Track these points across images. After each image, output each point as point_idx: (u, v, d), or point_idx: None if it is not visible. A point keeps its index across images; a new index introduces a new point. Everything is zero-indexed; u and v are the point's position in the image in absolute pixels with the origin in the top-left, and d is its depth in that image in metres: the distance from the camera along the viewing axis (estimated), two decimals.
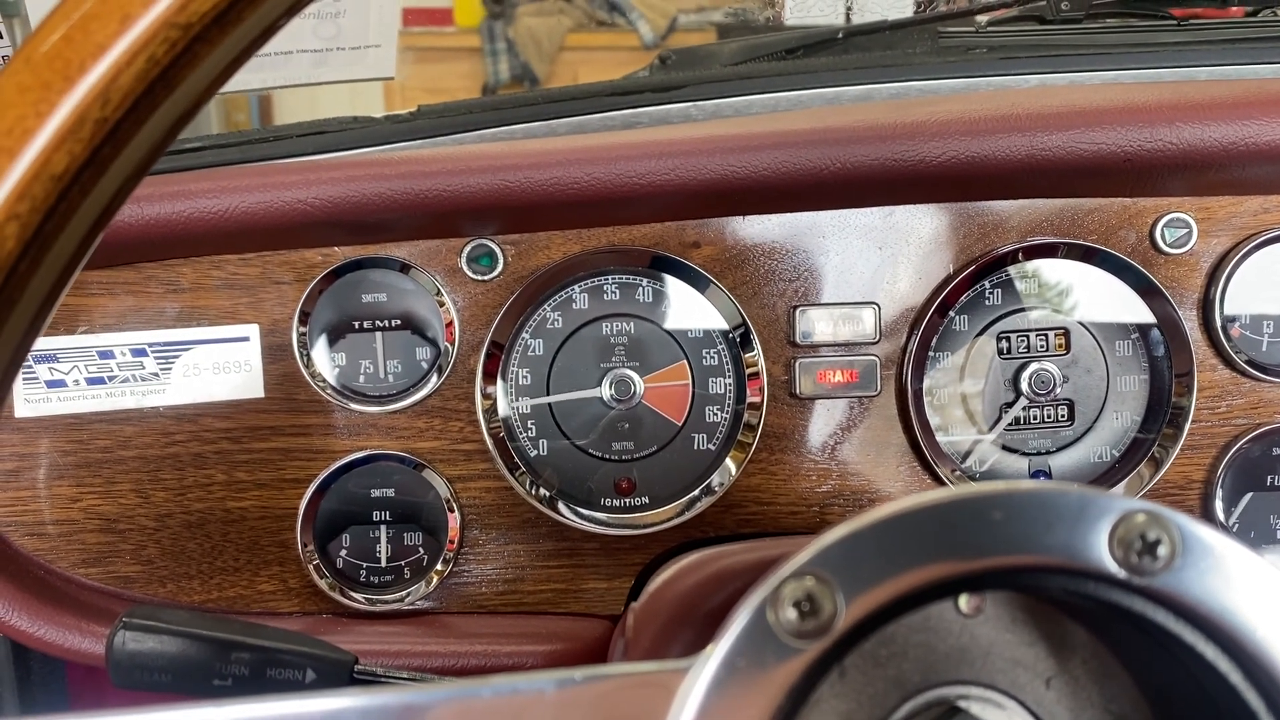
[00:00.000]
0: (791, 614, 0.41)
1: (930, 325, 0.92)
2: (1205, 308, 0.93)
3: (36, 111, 0.36)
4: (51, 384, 0.89)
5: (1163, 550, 0.40)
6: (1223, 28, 1.16)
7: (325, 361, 0.92)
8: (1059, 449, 0.95)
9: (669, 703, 0.41)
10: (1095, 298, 0.93)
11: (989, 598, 0.49)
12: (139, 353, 0.89)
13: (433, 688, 0.42)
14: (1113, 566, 0.40)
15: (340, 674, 0.65)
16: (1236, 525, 0.96)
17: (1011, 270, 0.93)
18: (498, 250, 0.91)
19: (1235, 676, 0.41)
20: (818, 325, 0.93)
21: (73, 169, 0.37)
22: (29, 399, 0.89)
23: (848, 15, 1.57)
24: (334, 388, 0.92)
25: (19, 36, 1.02)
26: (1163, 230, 0.92)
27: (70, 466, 0.91)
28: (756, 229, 0.92)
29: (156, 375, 0.90)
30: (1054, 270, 0.93)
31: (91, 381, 0.89)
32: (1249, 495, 0.96)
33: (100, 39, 0.37)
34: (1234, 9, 1.30)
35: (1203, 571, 0.40)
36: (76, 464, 0.91)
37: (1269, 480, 0.95)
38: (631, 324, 0.93)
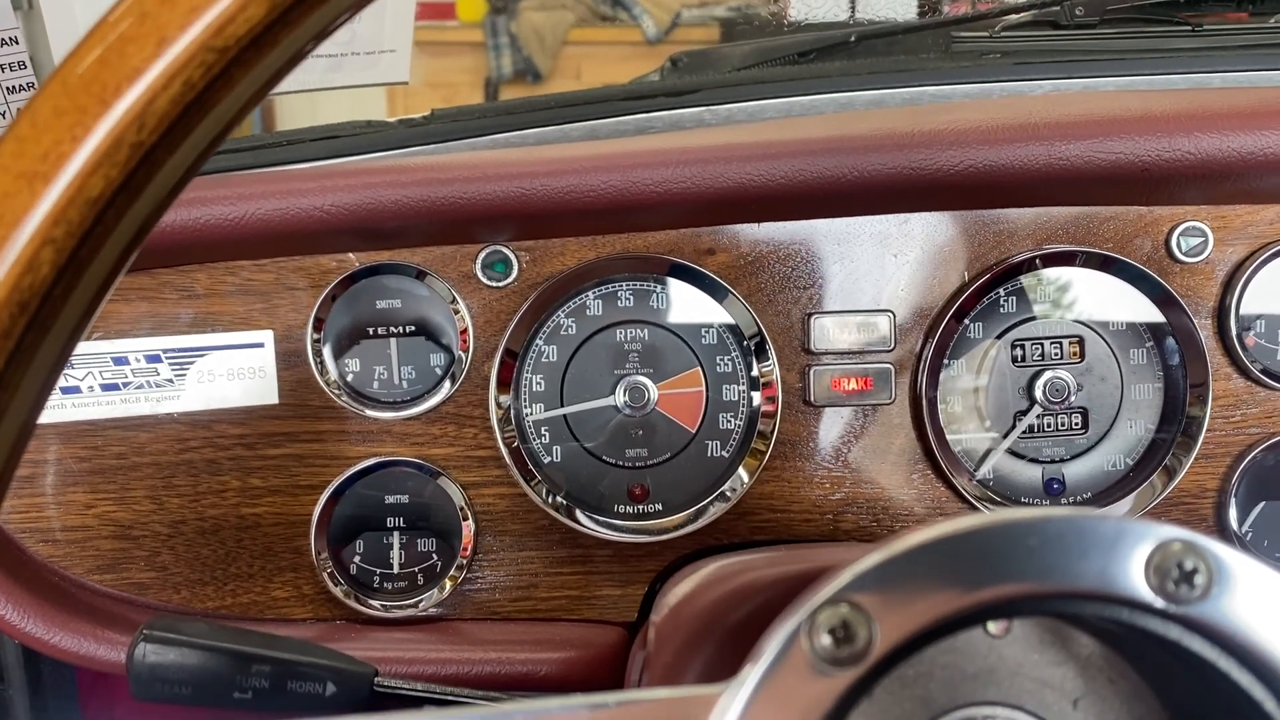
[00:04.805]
0: (826, 641, 0.40)
1: (945, 333, 0.92)
2: (1220, 316, 0.93)
3: (72, 136, 0.36)
4: (66, 390, 0.88)
5: (1199, 579, 0.40)
6: (1236, 33, 1.16)
7: (339, 368, 0.92)
8: (1072, 457, 0.95)
9: None
10: (1110, 306, 0.93)
11: (1018, 620, 0.49)
12: (153, 359, 0.89)
13: (462, 711, 0.42)
14: (1149, 595, 0.40)
15: (360, 686, 0.66)
16: (1249, 534, 0.96)
17: (1026, 278, 0.93)
18: (512, 257, 0.91)
19: (1270, 704, 0.41)
20: (832, 332, 0.92)
21: (108, 193, 0.37)
22: None
23: (852, 11, 1.56)
24: (348, 394, 0.92)
25: (26, 31, 1.00)
26: (1178, 239, 0.92)
27: (85, 473, 0.90)
28: (771, 236, 0.92)
29: (171, 381, 0.90)
30: (1069, 278, 0.93)
31: (106, 388, 0.89)
32: (1262, 504, 0.96)
33: (136, 63, 0.36)
34: (1246, 15, 1.29)
35: (1239, 600, 0.40)
36: (91, 470, 0.90)
37: None
38: (646, 330, 0.93)
